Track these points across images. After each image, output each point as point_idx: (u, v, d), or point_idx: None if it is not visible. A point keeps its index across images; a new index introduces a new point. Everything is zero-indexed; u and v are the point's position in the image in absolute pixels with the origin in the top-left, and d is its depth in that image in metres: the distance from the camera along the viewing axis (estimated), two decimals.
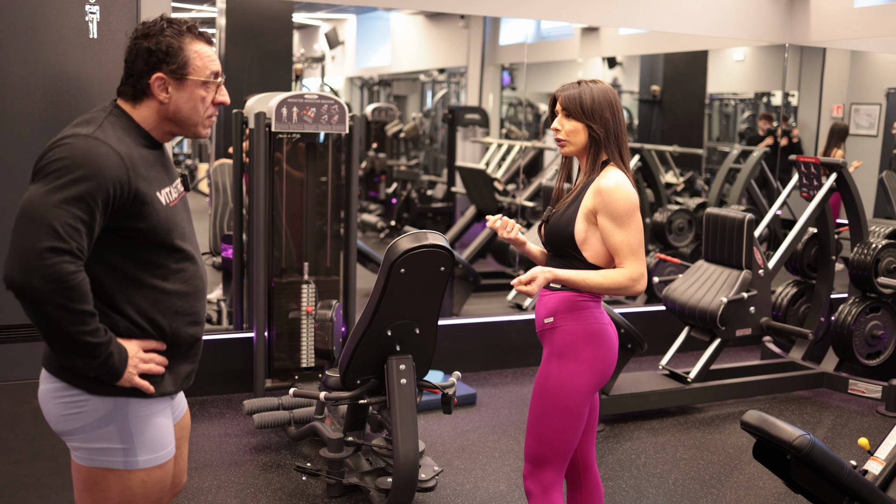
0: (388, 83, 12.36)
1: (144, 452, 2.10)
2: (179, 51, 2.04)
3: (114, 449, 2.06)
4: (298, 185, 4.91)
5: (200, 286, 2.20)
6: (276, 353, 4.89)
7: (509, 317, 6.02)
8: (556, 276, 2.59)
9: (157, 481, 2.14)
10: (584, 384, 2.63)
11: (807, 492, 3.12)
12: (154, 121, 2.10)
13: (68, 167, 1.89)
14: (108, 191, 1.92)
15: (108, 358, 1.96)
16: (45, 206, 1.87)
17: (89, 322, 1.92)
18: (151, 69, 2.04)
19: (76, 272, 1.88)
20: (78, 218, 1.88)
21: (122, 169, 1.95)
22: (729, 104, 10.35)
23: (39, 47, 3.15)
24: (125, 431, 2.06)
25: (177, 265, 2.11)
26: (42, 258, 1.84)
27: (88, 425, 2.05)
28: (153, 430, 2.11)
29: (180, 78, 2.06)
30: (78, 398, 2.04)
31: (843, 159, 5.39)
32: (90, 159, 1.91)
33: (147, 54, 2.03)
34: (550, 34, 9.83)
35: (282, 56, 5.81)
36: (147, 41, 2.04)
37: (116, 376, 2.00)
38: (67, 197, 1.87)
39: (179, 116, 2.10)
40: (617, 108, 2.64)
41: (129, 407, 2.06)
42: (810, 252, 5.73)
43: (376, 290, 3.31)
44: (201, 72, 2.08)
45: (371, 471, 3.79)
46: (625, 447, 4.57)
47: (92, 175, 1.90)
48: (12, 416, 3.28)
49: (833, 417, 5.12)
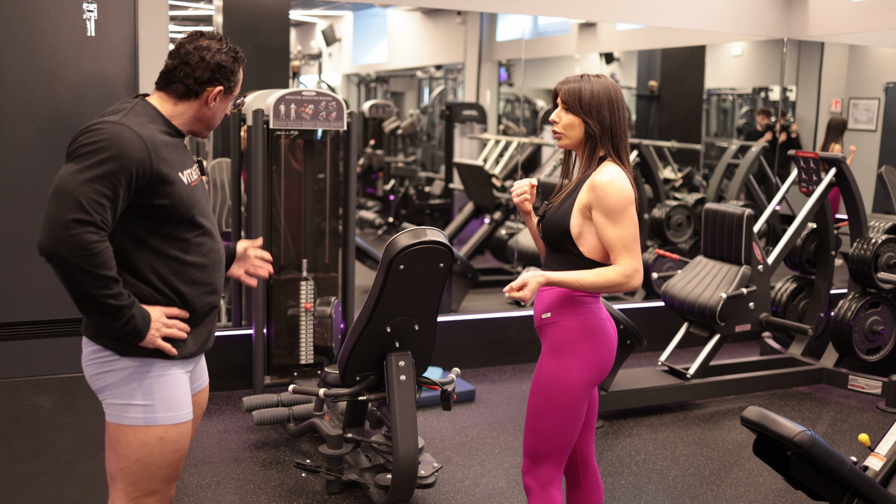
0: (385, 80, 12.36)
1: (163, 410, 2.35)
2: (235, 73, 2.40)
3: (136, 406, 2.33)
4: (297, 182, 4.90)
5: (217, 259, 2.46)
6: (275, 349, 4.88)
7: (508, 313, 6.01)
8: (549, 280, 2.59)
9: (174, 440, 2.37)
10: (581, 380, 2.63)
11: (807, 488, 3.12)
12: (188, 118, 2.39)
13: (96, 150, 2.15)
14: (132, 171, 2.17)
15: (129, 319, 2.21)
16: (74, 183, 2.12)
17: (112, 286, 2.17)
18: (216, 81, 2.35)
19: (99, 241, 2.13)
20: (103, 194, 2.13)
21: (144, 152, 2.19)
22: (727, 99, 10.35)
23: (37, 45, 3.14)
24: (147, 389, 2.33)
25: (196, 239, 2.37)
26: (69, 228, 2.10)
27: (116, 383, 2.32)
28: (173, 390, 2.37)
29: (228, 94, 2.40)
30: (109, 358, 2.32)
31: (841, 154, 5.39)
32: (116, 142, 2.16)
33: (217, 68, 2.34)
34: (547, 30, 9.82)
35: (279, 53, 5.80)
36: (220, 56, 2.35)
37: (139, 337, 2.26)
38: (94, 175, 2.13)
39: (211, 122, 2.43)
40: (616, 105, 2.63)
41: (152, 367, 2.33)
42: (810, 247, 5.73)
43: (375, 286, 3.31)
44: (236, 90, 2.44)
45: (370, 467, 3.79)
46: (624, 443, 4.57)
47: (117, 156, 2.15)
48: (13, 414, 3.28)
49: (833, 413, 5.12)
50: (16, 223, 3.20)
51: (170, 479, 2.43)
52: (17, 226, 3.20)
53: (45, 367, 3.31)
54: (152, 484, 2.39)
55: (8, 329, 3.24)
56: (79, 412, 3.36)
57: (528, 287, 2.55)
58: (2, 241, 3.19)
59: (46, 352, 3.30)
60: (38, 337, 3.29)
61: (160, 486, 2.41)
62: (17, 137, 3.16)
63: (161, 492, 2.43)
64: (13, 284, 3.22)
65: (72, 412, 3.35)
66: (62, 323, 3.31)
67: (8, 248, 3.19)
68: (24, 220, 3.20)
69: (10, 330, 3.25)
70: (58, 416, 3.33)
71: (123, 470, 2.37)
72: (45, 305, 3.28)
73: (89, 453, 3.38)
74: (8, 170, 3.17)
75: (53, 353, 3.31)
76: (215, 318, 2.52)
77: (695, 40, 8.50)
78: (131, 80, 3.29)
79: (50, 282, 3.24)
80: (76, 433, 3.36)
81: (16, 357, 3.27)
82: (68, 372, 3.34)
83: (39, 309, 3.27)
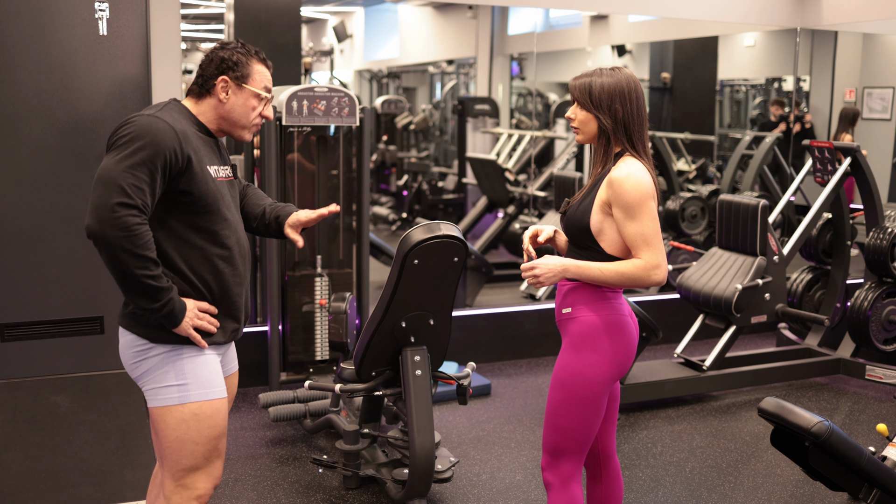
0: (396, 75, 12.35)
1: (196, 388, 2.47)
2: (245, 65, 2.52)
3: (170, 387, 2.45)
4: (310, 179, 4.91)
5: (243, 252, 2.59)
6: (291, 346, 4.89)
7: (523, 307, 6.01)
8: (567, 270, 2.58)
9: (209, 416, 2.49)
10: (602, 375, 2.61)
11: (825, 479, 3.11)
12: (211, 116, 2.54)
13: (132, 139, 2.31)
14: (166, 156, 2.32)
15: (168, 302, 2.35)
16: (116, 171, 2.28)
17: (152, 268, 2.31)
18: (220, 73, 2.50)
19: (141, 224, 2.28)
20: (142, 180, 2.28)
21: (175, 140, 2.35)
22: (740, 90, 10.30)
23: (49, 46, 3.15)
24: (180, 370, 2.46)
25: (223, 232, 2.50)
26: (113, 211, 2.24)
27: (151, 368, 2.46)
28: (204, 369, 2.50)
29: (240, 85, 2.51)
30: (143, 346, 2.45)
31: (856, 143, 5.35)
32: (150, 132, 2.32)
33: (220, 61, 2.50)
34: (559, 23, 9.79)
35: (291, 50, 5.79)
36: (223, 52, 2.51)
37: (175, 322, 2.39)
38: (133, 163, 2.28)
39: (232, 116, 2.54)
40: (630, 98, 2.60)
41: (183, 351, 2.47)
42: (825, 237, 5.70)
43: (390, 281, 3.31)
44: (258, 84, 2.54)
45: (387, 462, 3.79)
46: (641, 436, 4.56)
47: (152, 144, 2.31)
48: (31, 413, 3.30)
49: (850, 404, 5.10)
50: (31, 223, 3.21)
51: (210, 455, 2.53)
52: (33, 225, 3.22)
53: (63, 367, 3.33)
54: (193, 460, 2.50)
55: (25, 328, 3.26)
56: (96, 410, 3.38)
57: (545, 276, 2.55)
58: (18, 241, 3.21)
59: (63, 351, 3.32)
60: (55, 336, 3.30)
61: (202, 463, 2.52)
62: (31, 137, 3.18)
63: (204, 469, 2.53)
64: (29, 284, 3.24)
65: (89, 410, 3.37)
66: (79, 322, 3.33)
67: (24, 247, 3.21)
68: (39, 219, 3.22)
69: (28, 329, 3.27)
70: (75, 415, 3.35)
71: (166, 450, 2.50)
72: (62, 305, 3.30)
73: (107, 451, 3.40)
74: (23, 170, 3.19)
75: (70, 352, 3.33)
76: (241, 310, 2.62)
77: (707, 31, 8.46)
78: (144, 78, 3.30)
79: (66, 281, 3.28)
80: (94, 431, 3.38)
81: (33, 356, 3.29)
82: (85, 371, 3.36)
83: (56, 308, 3.29)
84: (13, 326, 3.24)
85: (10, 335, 3.24)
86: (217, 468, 2.57)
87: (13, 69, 3.12)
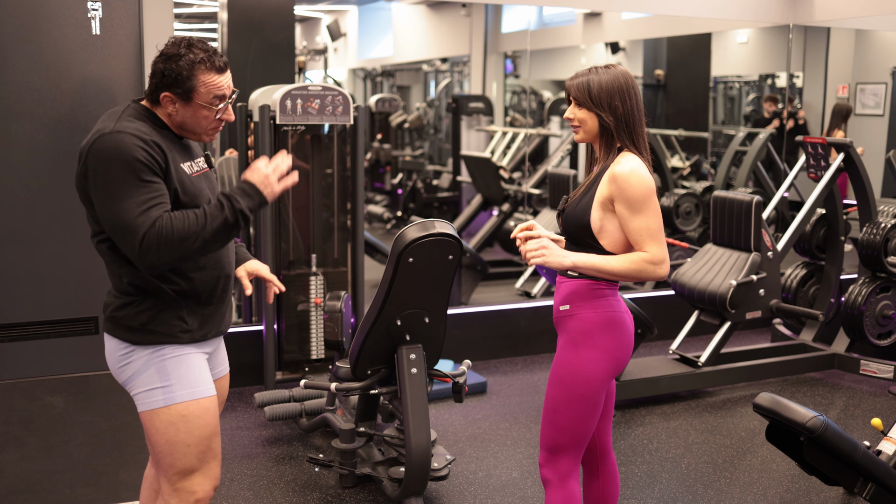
0: (390, 74, 12.34)
1: (181, 388, 2.42)
2: (187, 79, 2.34)
3: (155, 389, 2.41)
4: (304, 178, 4.90)
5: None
6: (286, 345, 4.89)
7: (518, 304, 6.01)
8: (575, 264, 2.56)
9: (198, 416, 2.44)
10: (600, 372, 2.62)
11: (821, 473, 3.12)
12: (168, 121, 2.43)
13: (107, 169, 2.24)
14: (143, 158, 2.24)
15: (239, 213, 2.28)
16: (118, 212, 2.22)
17: (201, 220, 2.25)
18: (162, 88, 2.36)
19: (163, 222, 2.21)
20: (141, 191, 2.23)
21: (141, 142, 2.26)
22: (733, 87, 10.32)
23: (42, 45, 3.14)
24: (163, 371, 2.41)
25: None
26: (142, 246, 2.20)
27: (136, 372, 2.42)
28: (188, 368, 2.44)
29: (186, 100, 2.37)
30: (126, 350, 2.42)
31: (849, 139, 5.36)
32: (118, 151, 2.24)
33: (161, 75, 2.35)
34: (553, 21, 9.80)
35: (284, 49, 5.79)
36: (164, 63, 2.35)
37: (264, 203, 2.35)
38: (124, 190, 2.22)
39: (185, 126, 2.43)
40: (628, 95, 2.59)
41: (164, 350, 2.41)
42: (819, 233, 5.71)
43: (385, 280, 3.31)
44: (204, 97, 2.37)
45: (383, 461, 3.79)
46: (637, 432, 4.57)
47: (127, 162, 2.23)
48: (26, 413, 3.29)
49: (845, 398, 5.11)
50: (25, 223, 3.21)
51: (204, 456, 2.47)
52: (27, 225, 3.21)
53: (58, 367, 3.32)
54: (187, 462, 2.45)
55: (20, 329, 3.25)
56: (91, 411, 3.37)
57: (552, 255, 2.54)
58: (12, 241, 3.20)
59: (58, 351, 3.31)
60: (50, 337, 3.30)
61: (196, 465, 2.46)
62: (24, 137, 3.17)
63: (200, 471, 2.48)
64: (24, 284, 3.23)
65: (84, 411, 3.36)
66: (73, 322, 3.32)
67: (19, 247, 3.20)
68: (31, 219, 3.21)
69: (23, 330, 3.26)
70: (70, 416, 3.35)
71: (159, 455, 2.45)
72: (57, 305, 3.29)
73: (102, 452, 3.40)
74: (16, 169, 3.18)
75: (65, 352, 3.33)
76: (227, 302, 2.58)
77: (700, 28, 8.47)
78: (137, 78, 3.30)
79: (61, 281, 3.27)
80: (89, 432, 3.38)
81: (28, 357, 3.28)
82: (80, 371, 3.36)
83: (51, 309, 3.28)
84: (7, 327, 3.23)
85: (5, 336, 3.23)
86: (214, 469, 2.52)
87: (6, 68, 3.11)
